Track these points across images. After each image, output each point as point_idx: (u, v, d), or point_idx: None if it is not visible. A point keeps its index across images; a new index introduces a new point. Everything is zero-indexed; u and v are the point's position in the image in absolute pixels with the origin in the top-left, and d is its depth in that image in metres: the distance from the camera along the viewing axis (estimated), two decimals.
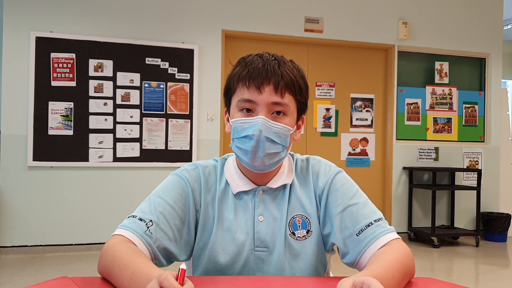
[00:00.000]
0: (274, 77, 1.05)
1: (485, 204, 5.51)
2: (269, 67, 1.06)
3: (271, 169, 1.10)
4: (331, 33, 5.07)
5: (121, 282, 0.90)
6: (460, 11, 5.51)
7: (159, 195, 1.10)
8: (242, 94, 1.06)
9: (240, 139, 1.07)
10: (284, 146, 1.08)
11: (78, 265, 3.92)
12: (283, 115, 1.07)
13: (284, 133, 1.07)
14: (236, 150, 1.09)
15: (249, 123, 1.05)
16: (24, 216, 4.24)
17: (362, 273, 0.90)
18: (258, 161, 1.06)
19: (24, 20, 4.24)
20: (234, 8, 4.78)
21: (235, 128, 1.07)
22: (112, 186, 4.44)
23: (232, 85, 1.10)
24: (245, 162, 1.08)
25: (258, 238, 1.11)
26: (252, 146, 1.04)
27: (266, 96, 1.04)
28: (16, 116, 4.22)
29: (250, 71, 1.06)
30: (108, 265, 0.95)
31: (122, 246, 0.97)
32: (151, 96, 4.53)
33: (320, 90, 5.14)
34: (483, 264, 4.41)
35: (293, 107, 1.09)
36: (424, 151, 5.38)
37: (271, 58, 1.09)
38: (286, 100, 1.06)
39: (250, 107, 1.06)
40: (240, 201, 1.13)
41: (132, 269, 0.90)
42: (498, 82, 5.68)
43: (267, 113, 1.05)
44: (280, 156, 1.09)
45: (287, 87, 1.06)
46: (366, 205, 1.09)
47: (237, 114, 1.08)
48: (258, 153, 1.05)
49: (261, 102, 1.05)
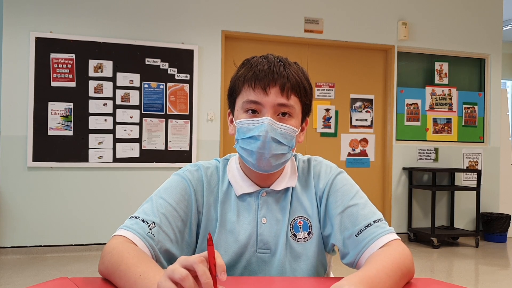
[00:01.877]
0: (280, 79, 1.05)
1: (485, 204, 5.51)
2: (275, 69, 1.06)
3: (276, 170, 1.10)
4: (330, 34, 5.07)
5: (127, 280, 0.89)
6: (460, 12, 5.51)
7: (161, 196, 1.09)
8: (247, 96, 1.06)
9: (246, 140, 1.06)
10: (290, 148, 1.08)
11: (78, 265, 3.92)
12: (288, 116, 1.07)
13: (290, 134, 1.07)
14: (241, 151, 1.09)
15: (255, 124, 1.05)
16: (24, 217, 4.24)
17: (354, 274, 0.89)
18: (264, 162, 1.06)
19: (24, 21, 4.24)
20: (234, 8, 4.79)
21: (240, 129, 1.07)
22: (112, 186, 4.44)
23: (237, 87, 1.10)
24: (251, 163, 1.08)
25: (261, 240, 1.11)
26: (258, 147, 1.04)
27: (272, 97, 1.04)
28: (16, 117, 4.22)
29: (256, 72, 1.06)
30: (112, 264, 0.94)
31: (129, 247, 0.97)
32: (150, 96, 4.53)
33: (320, 91, 5.14)
34: (483, 264, 4.40)
35: (298, 109, 1.09)
36: (423, 152, 5.38)
37: (277, 59, 1.09)
38: (292, 102, 1.06)
39: (255, 108, 1.06)
40: (243, 203, 1.13)
41: (143, 268, 0.89)
42: (497, 83, 5.68)
43: (273, 115, 1.05)
44: (286, 157, 1.09)
45: (293, 89, 1.06)
46: (366, 206, 1.09)
47: (242, 115, 1.07)
48: (264, 154, 1.05)
49: (267, 104, 1.05)
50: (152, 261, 0.94)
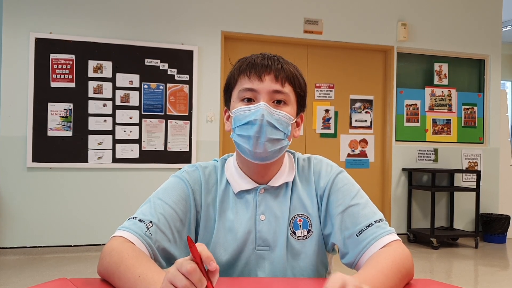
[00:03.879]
0: (275, 68, 1.09)
1: (484, 205, 5.51)
2: (269, 61, 1.10)
3: (272, 159, 1.10)
4: (330, 35, 5.07)
5: (126, 281, 0.90)
6: (459, 13, 5.51)
7: (159, 197, 1.10)
8: (243, 84, 1.09)
9: (242, 127, 1.07)
10: (286, 134, 1.09)
11: (77, 266, 3.91)
12: (283, 104, 1.09)
13: (286, 120, 1.08)
14: (238, 139, 1.09)
15: (251, 110, 1.07)
16: (23, 217, 4.23)
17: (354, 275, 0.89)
18: (261, 146, 1.06)
19: (23, 22, 4.24)
20: (233, 9, 4.79)
21: (237, 117, 1.08)
22: (111, 187, 4.44)
23: (233, 79, 1.12)
24: (247, 149, 1.08)
25: (260, 237, 1.11)
26: (255, 131, 1.05)
27: (267, 84, 1.07)
28: (15, 117, 4.21)
29: (251, 63, 1.10)
30: (112, 265, 0.95)
31: (128, 247, 0.98)
32: (150, 97, 4.53)
33: (320, 92, 5.14)
34: (482, 265, 4.41)
35: (293, 98, 1.11)
36: (423, 153, 5.38)
37: (271, 54, 1.13)
38: (286, 90, 1.09)
39: (251, 96, 1.08)
40: (242, 200, 1.13)
41: (142, 268, 0.90)
42: (497, 84, 5.68)
43: (268, 101, 1.07)
44: (282, 144, 1.09)
45: (287, 78, 1.09)
46: (367, 206, 1.09)
47: (238, 104, 1.09)
48: (260, 138, 1.05)
49: (262, 90, 1.07)
50: (151, 261, 0.95)
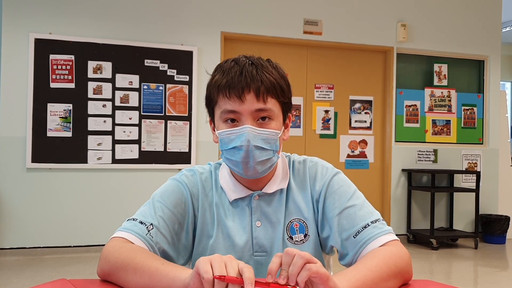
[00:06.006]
0: (254, 83, 1.03)
1: (484, 206, 5.51)
2: (247, 74, 1.03)
3: (265, 175, 1.10)
4: (330, 35, 5.07)
5: (145, 270, 0.91)
6: (459, 13, 5.52)
7: (159, 200, 1.10)
8: (224, 105, 1.05)
9: (229, 151, 1.06)
10: (275, 151, 1.08)
11: (77, 267, 3.91)
12: (268, 120, 1.05)
13: (273, 138, 1.06)
14: (227, 162, 1.09)
15: (236, 133, 1.04)
16: (23, 218, 4.23)
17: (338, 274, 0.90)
18: (251, 170, 1.06)
19: (23, 22, 4.24)
20: (233, 10, 4.79)
21: (222, 139, 1.07)
22: (111, 188, 4.43)
23: (213, 96, 1.08)
24: (238, 172, 1.09)
25: (257, 243, 1.11)
26: (242, 157, 1.04)
27: (249, 104, 1.03)
28: (14, 118, 4.21)
29: (229, 81, 1.04)
30: (123, 259, 0.94)
31: (134, 245, 1.00)
32: (150, 98, 4.53)
33: (319, 92, 5.14)
34: (482, 266, 4.41)
35: (277, 110, 1.07)
36: (423, 153, 5.38)
37: (248, 62, 1.07)
38: (269, 105, 1.04)
39: (234, 117, 1.04)
40: (237, 208, 1.14)
41: (162, 259, 0.94)
42: (496, 84, 5.68)
43: (252, 121, 1.04)
44: (272, 161, 1.08)
45: (269, 91, 1.04)
46: (363, 207, 1.09)
47: (222, 126, 1.07)
48: (249, 163, 1.04)
49: (245, 112, 1.03)
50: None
